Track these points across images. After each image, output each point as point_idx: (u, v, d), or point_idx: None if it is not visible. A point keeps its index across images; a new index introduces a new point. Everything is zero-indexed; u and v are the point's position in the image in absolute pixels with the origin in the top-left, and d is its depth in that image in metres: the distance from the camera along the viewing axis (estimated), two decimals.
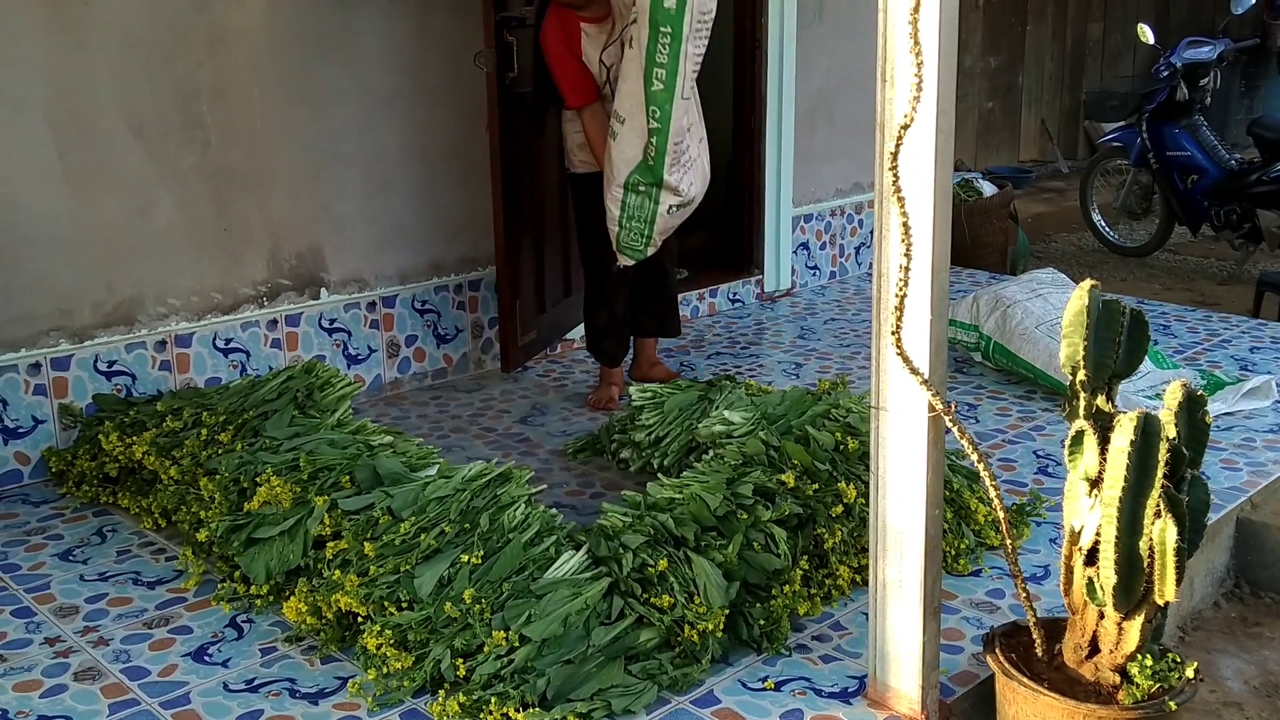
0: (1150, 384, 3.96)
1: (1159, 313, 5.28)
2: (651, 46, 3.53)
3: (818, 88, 5.66)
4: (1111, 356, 2.08)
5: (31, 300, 3.51)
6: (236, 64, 3.82)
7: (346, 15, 4.03)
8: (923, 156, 2.02)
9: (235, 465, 3.03)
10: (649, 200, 3.71)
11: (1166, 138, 6.96)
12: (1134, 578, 2.00)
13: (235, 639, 2.65)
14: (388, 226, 4.29)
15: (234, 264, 3.93)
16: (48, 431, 3.59)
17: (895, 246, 2.07)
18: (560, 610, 2.40)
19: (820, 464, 2.91)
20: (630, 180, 3.68)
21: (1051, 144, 11.07)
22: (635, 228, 3.76)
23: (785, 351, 4.85)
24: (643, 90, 3.58)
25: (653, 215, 3.73)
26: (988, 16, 10.27)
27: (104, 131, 3.58)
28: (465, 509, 2.75)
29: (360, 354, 4.30)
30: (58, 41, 3.45)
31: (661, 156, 3.63)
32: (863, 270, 6.18)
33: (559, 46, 3.79)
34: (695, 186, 3.81)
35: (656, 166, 3.64)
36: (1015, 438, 3.79)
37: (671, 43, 3.52)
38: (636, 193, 3.70)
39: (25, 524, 3.28)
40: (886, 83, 2.04)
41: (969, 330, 4.39)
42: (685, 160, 3.72)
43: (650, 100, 3.58)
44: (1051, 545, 3.02)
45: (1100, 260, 7.61)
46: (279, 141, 3.96)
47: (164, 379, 3.80)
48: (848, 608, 2.74)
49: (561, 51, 3.79)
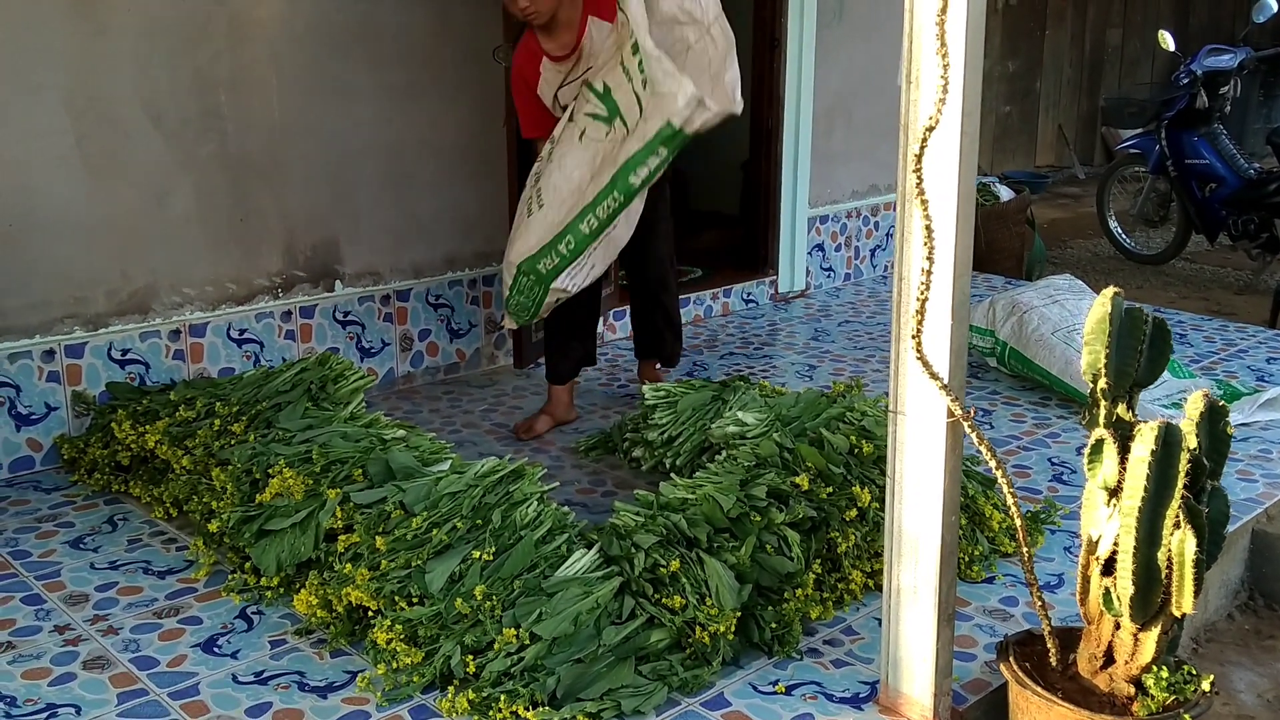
0: (1167, 393, 3.93)
1: (1175, 321, 5.25)
2: (625, 168, 3.26)
3: (836, 88, 5.64)
4: (1133, 365, 2.06)
5: (47, 287, 3.51)
6: (255, 55, 3.81)
7: (367, 8, 4.03)
8: (947, 159, 2.00)
9: (248, 456, 3.02)
10: (538, 288, 3.51)
11: (1185, 145, 6.93)
12: (1151, 589, 1.98)
13: (245, 630, 2.64)
14: (403, 220, 4.28)
15: (249, 255, 3.92)
16: (60, 419, 3.59)
17: (917, 250, 2.05)
18: (571, 609, 2.39)
19: (834, 467, 2.90)
20: (523, 266, 3.49)
21: (1068, 149, 11.03)
22: (523, 302, 3.57)
23: (799, 353, 4.83)
24: (582, 198, 3.35)
25: (540, 299, 3.54)
26: (1007, 21, 10.23)
27: (122, 119, 3.58)
28: (477, 505, 2.74)
29: (373, 347, 4.29)
30: (78, 28, 3.45)
31: (555, 273, 3.46)
32: (878, 273, 6.15)
33: (516, 74, 3.66)
34: (595, 271, 3.59)
35: (547, 276, 3.46)
36: (1030, 444, 3.77)
37: (646, 175, 3.27)
38: (527, 278, 3.51)
39: (36, 511, 3.28)
40: (911, 84, 2.03)
41: (985, 335, 4.37)
42: (582, 264, 3.52)
43: (574, 227, 3.37)
44: (1066, 553, 3.00)
45: (1116, 267, 7.57)
46: (296, 133, 3.95)
47: (178, 368, 3.80)
48: (860, 613, 2.72)
49: (518, 80, 3.66)
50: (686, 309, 5.26)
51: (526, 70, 3.62)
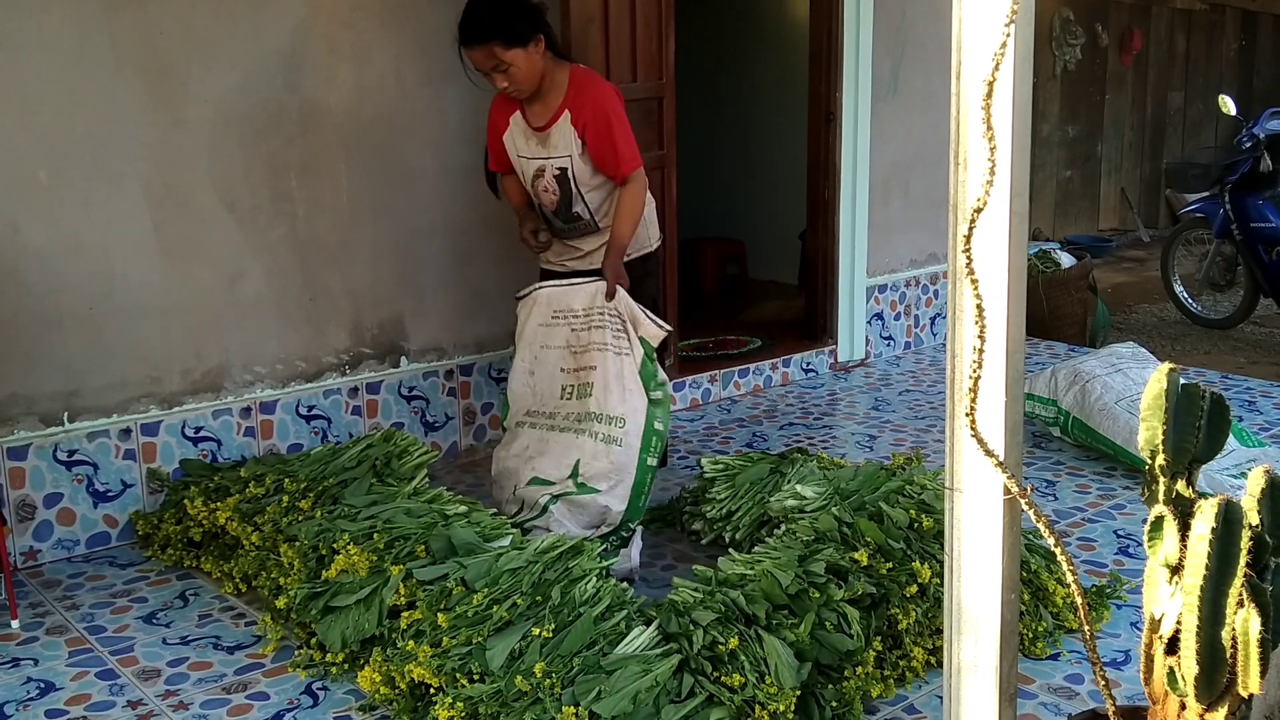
0: (1235, 462, 3.87)
1: (1244, 388, 5.17)
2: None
3: (892, 159, 5.69)
4: (1191, 441, 2.05)
5: (124, 367, 3.64)
6: (325, 141, 3.95)
7: (431, 93, 4.16)
8: (996, 239, 2.02)
9: (314, 532, 3.09)
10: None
11: (1250, 209, 6.86)
12: (1216, 668, 1.95)
13: (310, 707, 2.68)
14: (466, 296, 4.38)
15: (318, 333, 4.03)
16: (136, 495, 3.69)
17: (969, 328, 2.06)
18: (630, 687, 2.40)
19: (894, 542, 2.89)
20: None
21: (1132, 212, 10.94)
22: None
23: (859, 423, 4.83)
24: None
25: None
26: (1065, 86, 10.24)
27: (198, 205, 3.72)
28: (537, 581, 2.77)
29: (437, 421, 4.37)
30: (156, 119, 3.61)
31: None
32: (938, 341, 6.14)
33: (491, 113, 3.62)
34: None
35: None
36: (1095, 516, 3.72)
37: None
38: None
39: (112, 586, 3.37)
40: (959, 165, 2.05)
41: (1047, 405, 4.34)
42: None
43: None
44: (1133, 629, 2.95)
45: (1183, 332, 7.47)
46: (364, 214, 4.08)
47: (248, 445, 3.90)
48: (922, 690, 2.70)
49: (490, 120, 3.63)
50: (746, 379, 5.29)
51: (497, 116, 3.59)
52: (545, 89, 3.45)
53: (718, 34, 7.36)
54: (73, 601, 3.26)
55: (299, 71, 3.87)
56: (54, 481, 3.54)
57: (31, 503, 3.50)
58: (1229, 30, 12.23)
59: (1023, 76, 1.98)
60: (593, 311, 3.44)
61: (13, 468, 3.46)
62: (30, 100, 3.38)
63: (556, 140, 3.46)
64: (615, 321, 3.40)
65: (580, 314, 3.46)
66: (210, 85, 3.69)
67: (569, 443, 3.38)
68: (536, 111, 3.49)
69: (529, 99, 3.47)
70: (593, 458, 3.34)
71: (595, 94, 3.44)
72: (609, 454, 3.32)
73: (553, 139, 3.47)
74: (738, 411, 5.01)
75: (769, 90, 7.21)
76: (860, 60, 5.45)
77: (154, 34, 3.56)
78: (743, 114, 7.43)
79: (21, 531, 3.49)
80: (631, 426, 3.33)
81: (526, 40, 3.31)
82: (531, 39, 3.33)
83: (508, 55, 3.30)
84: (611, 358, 3.38)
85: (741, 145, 7.44)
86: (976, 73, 1.99)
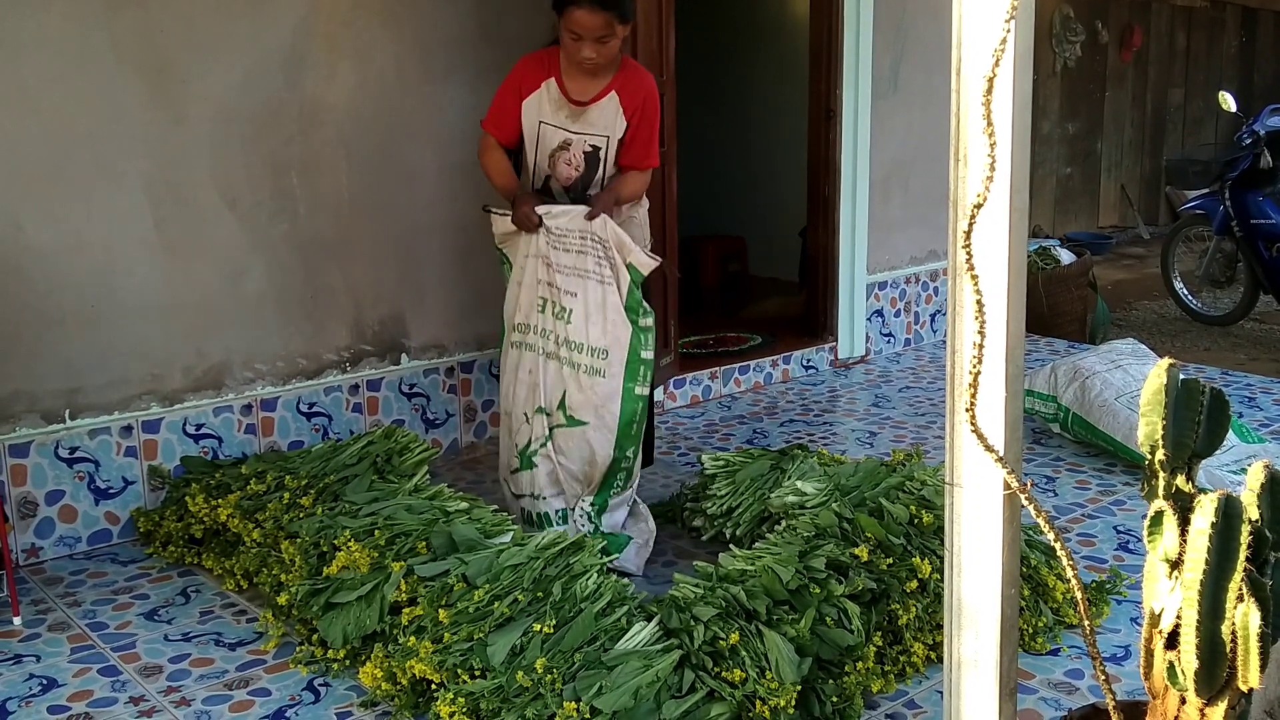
0: (1235, 458, 3.87)
1: (1244, 384, 5.17)
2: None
3: (892, 156, 5.69)
4: (1191, 436, 2.05)
5: (126, 364, 3.64)
6: (326, 138, 3.95)
7: (432, 91, 4.17)
8: (996, 235, 2.03)
9: (316, 529, 3.09)
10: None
11: (1250, 206, 6.87)
12: (1216, 663, 1.95)
13: (312, 702, 2.69)
14: (467, 294, 4.38)
15: (319, 330, 4.04)
16: (137, 492, 3.70)
17: (969, 324, 2.07)
18: (631, 682, 2.40)
19: (894, 538, 2.90)
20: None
21: (1132, 209, 10.95)
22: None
23: (860, 420, 4.83)
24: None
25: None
26: (1066, 83, 10.24)
27: (199, 203, 3.73)
28: (538, 577, 2.77)
29: (438, 418, 4.37)
30: (157, 117, 3.61)
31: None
32: (938, 337, 6.14)
33: (516, 76, 3.48)
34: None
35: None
36: (1095, 512, 3.73)
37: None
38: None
39: (113, 583, 3.38)
40: (959, 162, 2.06)
41: (1047, 401, 4.34)
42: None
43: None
44: (1133, 624, 2.95)
45: (1183, 329, 7.48)
46: (364, 212, 4.08)
47: (249, 442, 3.91)
48: (922, 685, 2.70)
49: (513, 82, 3.48)
50: (746, 376, 5.30)
51: (526, 78, 3.47)
52: (600, 74, 3.48)
53: (718, 31, 7.37)
54: (75, 598, 3.27)
55: (300, 69, 3.87)
56: (56, 479, 3.54)
57: (33, 500, 3.51)
58: (1229, 27, 12.23)
59: (1023, 73, 1.98)
60: (574, 234, 3.38)
61: (15, 465, 3.46)
62: (31, 99, 3.38)
63: (595, 118, 3.46)
64: (598, 249, 3.37)
65: (562, 234, 3.40)
66: (211, 83, 3.69)
67: (556, 372, 3.40)
68: (581, 86, 3.46)
69: (579, 77, 3.44)
70: (578, 390, 3.37)
71: (648, 83, 3.52)
72: (593, 386, 3.36)
73: (591, 115, 3.47)
74: (738, 408, 5.02)
75: (769, 87, 7.21)
76: (860, 57, 5.46)
77: (155, 32, 3.57)
78: (743, 111, 7.43)
79: (23, 528, 3.50)
80: (614, 357, 3.35)
81: (629, 22, 3.39)
82: (631, 22, 3.43)
83: (617, 29, 3.34)
84: (594, 286, 3.37)
85: (742, 142, 7.45)
86: (976, 69, 2.00)
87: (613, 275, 3.37)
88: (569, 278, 3.39)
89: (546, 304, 3.41)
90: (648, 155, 3.53)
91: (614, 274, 3.37)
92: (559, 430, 3.40)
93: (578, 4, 3.26)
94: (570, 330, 3.37)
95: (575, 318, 3.37)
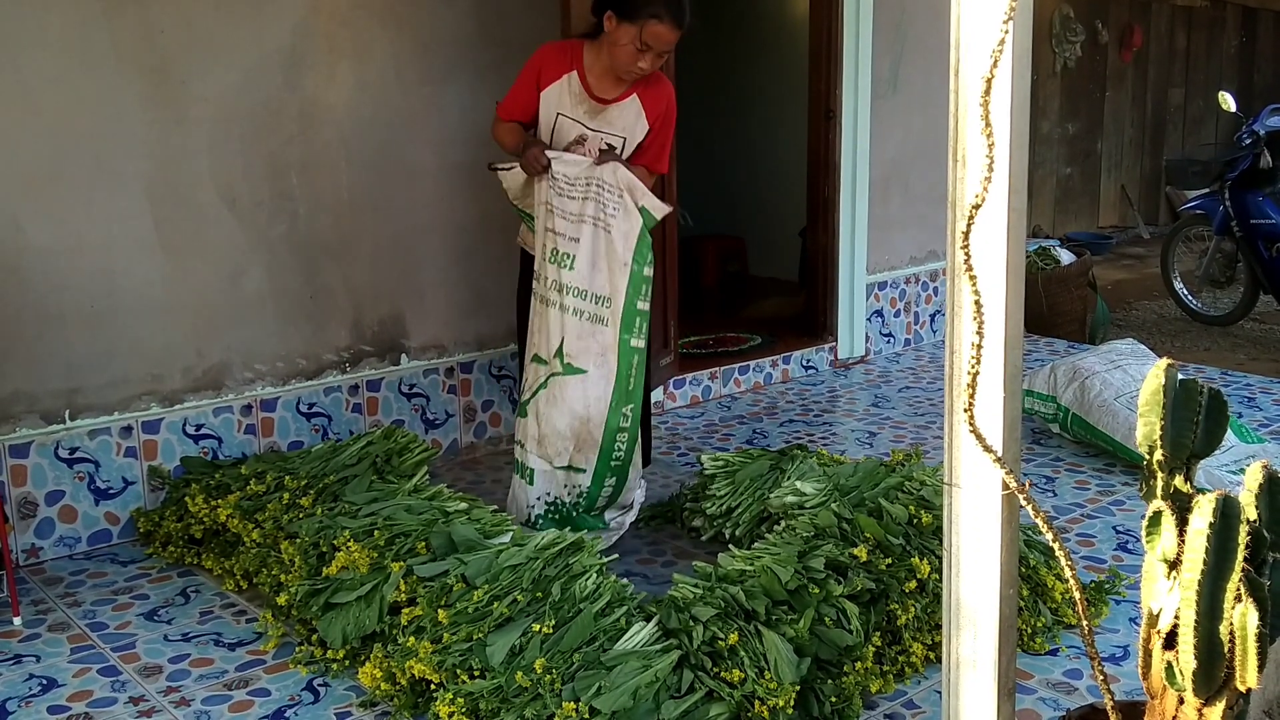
0: (1234, 458, 3.87)
1: (1243, 384, 5.18)
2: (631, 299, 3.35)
3: (892, 157, 5.69)
4: (1189, 436, 2.05)
5: (126, 365, 3.65)
6: (326, 139, 3.96)
7: (431, 91, 4.17)
8: (994, 235, 2.03)
9: (315, 529, 3.10)
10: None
11: (1250, 206, 6.87)
12: (1214, 663, 1.95)
13: (311, 703, 2.69)
14: (467, 294, 4.38)
15: (319, 330, 4.04)
16: (137, 492, 3.70)
17: (967, 324, 2.07)
18: (630, 683, 2.41)
19: (893, 538, 2.90)
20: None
21: (1132, 209, 10.95)
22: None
23: (859, 420, 4.83)
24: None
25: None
26: (1066, 83, 10.24)
27: (199, 203, 3.73)
28: (537, 577, 2.78)
29: (438, 418, 4.37)
30: (157, 117, 3.61)
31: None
32: (938, 338, 6.14)
33: (536, 62, 3.44)
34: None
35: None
36: (1094, 512, 3.73)
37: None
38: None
39: (113, 583, 3.38)
40: (958, 162, 2.06)
41: (1047, 401, 4.34)
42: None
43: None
44: (1131, 625, 2.96)
45: (1183, 329, 7.48)
46: (364, 212, 4.08)
47: (249, 442, 3.91)
48: (921, 685, 2.70)
49: (533, 69, 3.44)
50: (746, 376, 5.30)
51: (548, 67, 3.43)
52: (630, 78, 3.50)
53: (718, 31, 7.37)
54: (74, 598, 3.27)
55: (299, 70, 3.87)
56: (55, 479, 3.54)
57: (33, 500, 3.51)
58: (1229, 27, 12.23)
59: (1021, 74, 1.99)
60: (579, 182, 3.37)
61: (15, 465, 3.47)
62: (31, 99, 3.38)
63: (615, 117, 3.48)
64: (604, 195, 3.35)
65: (569, 182, 3.38)
66: (211, 83, 3.70)
67: (554, 318, 3.39)
68: (607, 84, 3.45)
69: (609, 74, 3.42)
70: (577, 337, 3.36)
71: (669, 91, 3.56)
72: (594, 334, 3.35)
73: (611, 114, 3.48)
74: (738, 408, 5.03)
75: (769, 88, 7.22)
76: (860, 58, 5.46)
77: (155, 32, 3.57)
78: (743, 111, 7.44)
79: (23, 529, 3.50)
80: (618, 305, 3.35)
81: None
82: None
83: (675, 44, 3.39)
84: (601, 234, 3.36)
85: (742, 143, 7.45)
86: (975, 70, 2.00)
87: (622, 221, 3.36)
88: (572, 224, 3.38)
89: (548, 250, 3.41)
90: (660, 160, 3.58)
91: (625, 218, 3.35)
92: (554, 379, 3.38)
93: (661, 19, 3.25)
94: (573, 277, 3.36)
95: (579, 264, 3.35)
